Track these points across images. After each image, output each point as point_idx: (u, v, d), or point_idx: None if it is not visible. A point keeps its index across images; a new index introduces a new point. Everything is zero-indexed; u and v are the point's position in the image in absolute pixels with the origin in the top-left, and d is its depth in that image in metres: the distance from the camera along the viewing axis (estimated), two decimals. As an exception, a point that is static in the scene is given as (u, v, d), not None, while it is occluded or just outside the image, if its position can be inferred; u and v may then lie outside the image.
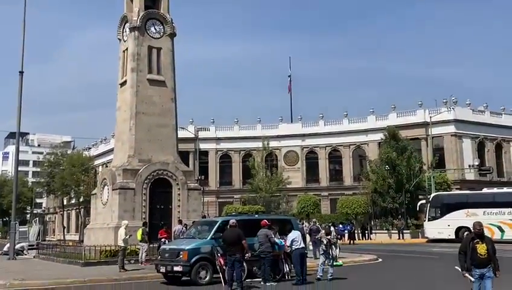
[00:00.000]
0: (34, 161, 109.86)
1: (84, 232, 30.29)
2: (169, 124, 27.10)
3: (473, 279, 9.21)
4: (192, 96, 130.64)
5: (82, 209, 66.12)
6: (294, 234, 16.11)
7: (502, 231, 35.35)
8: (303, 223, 25.95)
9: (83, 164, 62.91)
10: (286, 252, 16.33)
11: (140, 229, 21.62)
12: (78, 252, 23.11)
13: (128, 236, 19.34)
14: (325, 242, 16.68)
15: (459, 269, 7.12)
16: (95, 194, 27.84)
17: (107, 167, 41.47)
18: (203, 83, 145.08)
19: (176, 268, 15.69)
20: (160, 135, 26.66)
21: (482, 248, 9.44)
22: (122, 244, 19.23)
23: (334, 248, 16.93)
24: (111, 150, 50.98)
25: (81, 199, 65.80)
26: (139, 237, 21.22)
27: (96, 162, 69.99)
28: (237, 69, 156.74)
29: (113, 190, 25.03)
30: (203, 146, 61.47)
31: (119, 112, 27.95)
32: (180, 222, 22.70)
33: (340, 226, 41.16)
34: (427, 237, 39.36)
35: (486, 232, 37.39)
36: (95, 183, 42.80)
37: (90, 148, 79.30)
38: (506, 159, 57.56)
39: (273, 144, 57.20)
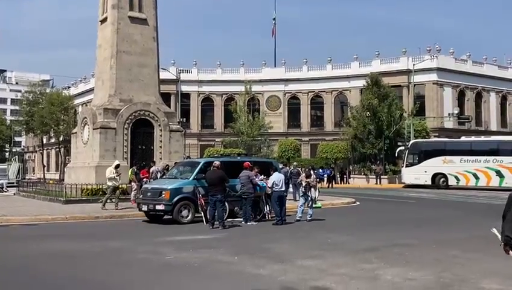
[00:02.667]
0: (12, 99, 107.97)
1: (65, 171, 30.30)
2: (150, 64, 26.66)
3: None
4: (174, 37, 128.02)
5: (62, 149, 65.80)
6: (276, 176, 16.35)
7: (476, 178, 36.33)
8: (288, 167, 26.22)
9: (62, 103, 62.05)
10: (267, 193, 16.64)
11: (131, 169, 21.75)
12: (59, 190, 23.19)
13: (115, 175, 19.37)
14: (303, 184, 17.02)
15: (498, 236, 5.02)
16: (76, 133, 27.64)
17: (87, 106, 40.88)
18: (185, 24, 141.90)
19: (158, 207, 15.92)
20: (142, 75, 26.28)
21: None
22: (108, 183, 19.30)
23: (314, 191, 17.26)
24: (91, 90, 50.27)
25: (61, 138, 65.33)
26: (129, 177, 21.34)
27: (76, 101, 69.01)
28: (220, 10, 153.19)
29: (93, 129, 24.86)
30: (184, 88, 60.88)
31: (99, 50, 27.35)
32: (154, 163, 22.57)
33: (320, 170, 41.79)
34: (404, 183, 40.31)
35: (462, 179, 38.67)
36: (75, 123, 42.43)
37: (69, 87, 77.96)
38: (485, 108, 58.40)
39: (255, 88, 56.88)
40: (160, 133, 25.64)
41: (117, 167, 19.73)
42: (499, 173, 35.53)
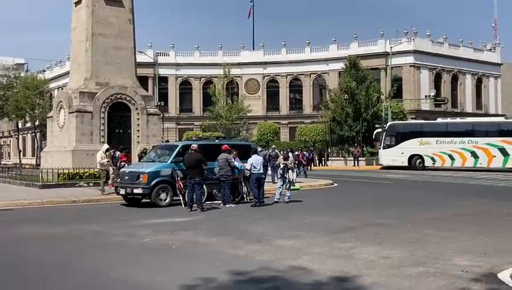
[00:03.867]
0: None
1: (41, 156, 29.89)
2: (127, 46, 26.30)
3: None
4: (151, 19, 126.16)
5: (38, 133, 64.82)
6: (255, 159, 16.40)
7: (452, 159, 36.95)
8: (268, 150, 26.27)
9: (37, 87, 60.88)
10: (246, 175, 16.69)
11: (107, 152, 21.49)
12: (36, 175, 22.91)
13: (105, 160, 19.19)
14: (281, 166, 17.12)
15: None
16: (51, 117, 27.24)
17: (63, 90, 40.21)
18: (162, 6, 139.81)
19: (135, 190, 15.87)
20: (118, 58, 25.93)
21: None
22: (100, 167, 19.11)
23: (291, 173, 17.38)
24: (67, 73, 49.39)
25: (36, 123, 64.28)
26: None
27: (52, 85, 67.84)
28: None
29: (69, 113, 24.53)
30: (162, 72, 60.32)
31: (74, 32, 26.86)
32: (121, 149, 22.10)
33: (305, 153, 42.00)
34: (381, 164, 40.81)
35: (438, 160, 39.32)
36: (50, 107, 41.75)
37: (44, 71, 76.48)
38: (461, 90, 59.21)
39: (234, 71, 56.64)
40: (138, 117, 25.43)
41: (107, 150, 19.57)
42: (473, 154, 36.20)
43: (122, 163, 19.17)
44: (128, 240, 10.38)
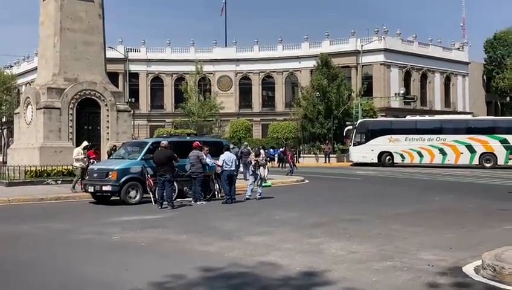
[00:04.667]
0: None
1: (8, 153, 29.24)
2: (96, 42, 25.91)
3: None
4: (121, 14, 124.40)
5: (5, 130, 63.33)
6: (226, 155, 16.35)
7: (421, 156, 37.62)
8: (240, 147, 26.23)
9: (4, 83, 59.53)
10: (217, 172, 16.65)
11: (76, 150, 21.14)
12: (2, 173, 22.42)
13: (83, 156, 18.82)
14: (253, 163, 17.15)
15: None
16: (18, 113, 26.66)
17: (30, 85, 39.38)
18: (133, 1, 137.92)
19: (104, 188, 15.66)
20: (87, 54, 25.53)
21: None
22: (76, 164, 18.71)
23: (263, 169, 17.41)
24: (34, 69, 48.28)
25: (3, 119, 62.80)
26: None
27: (19, 81, 66.29)
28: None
29: (37, 109, 24.04)
30: (133, 68, 59.61)
31: (42, 27, 26.32)
32: (92, 146, 21.70)
33: (271, 150, 42.17)
34: (351, 161, 41.26)
35: (407, 157, 39.84)
36: (18, 103, 40.90)
37: (12, 66, 74.70)
38: (430, 88, 60.30)
39: (206, 68, 56.37)
40: (107, 113, 25.09)
41: (85, 148, 19.21)
42: (442, 151, 36.92)
43: (91, 160, 18.89)
44: (97, 238, 10.24)
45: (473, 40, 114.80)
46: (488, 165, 35.40)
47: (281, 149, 41.08)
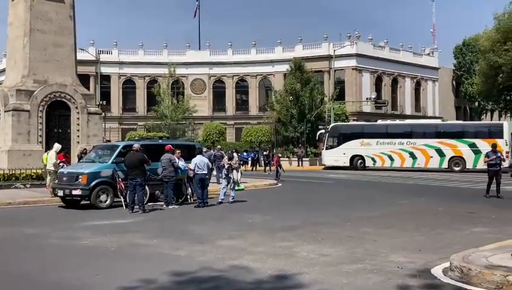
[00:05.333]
0: None
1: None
2: (67, 43, 25.51)
3: None
4: (93, 16, 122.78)
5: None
6: (199, 159, 16.26)
7: (391, 159, 38.13)
8: (213, 151, 26.07)
9: (-30, 85, 58.01)
10: (189, 176, 16.55)
11: (45, 153, 20.71)
12: (-32, 176, 21.75)
13: (58, 161, 18.40)
14: (226, 167, 17.12)
15: None
16: (-15, 116, 25.99)
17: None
18: (104, 2, 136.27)
19: (74, 192, 15.39)
20: (57, 55, 25.11)
21: None
22: (52, 168, 18.27)
23: (236, 173, 17.39)
24: (3, 71, 47.31)
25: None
26: (44, 162, 20.30)
27: (-14, 83, 64.77)
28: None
29: (5, 111, 23.53)
30: (104, 70, 58.89)
31: (11, 28, 25.81)
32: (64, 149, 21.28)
33: (244, 153, 42.17)
34: (324, 165, 41.55)
35: (378, 161, 40.12)
36: (-15, 105, 39.79)
37: (-22, 67, 72.90)
38: (400, 93, 61.26)
39: (180, 71, 56.10)
40: (78, 116, 24.72)
41: (60, 151, 18.79)
42: (412, 155, 37.50)
43: (61, 164, 18.53)
44: (66, 242, 10.05)
45: (443, 46, 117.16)
46: (457, 168, 36.09)
47: (265, 153, 41.00)
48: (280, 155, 32.54)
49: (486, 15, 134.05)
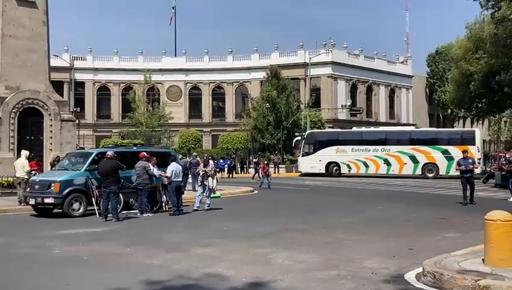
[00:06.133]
0: None
1: None
2: (40, 49, 25.10)
3: None
4: (67, 21, 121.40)
5: None
6: (174, 166, 16.13)
7: (366, 166, 38.48)
8: (188, 158, 25.88)
9: None
10: (164, 183, 16.40)
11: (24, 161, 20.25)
12: None
13: (30, 168, 17.98)
14: (201, 174, 17.02)
15: None
16: (-46, 123, 25.37)
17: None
18: (79, 8, 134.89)
19: (46, 200, 15.10)
20: (30, 61, 24.68)
21: None
22: (26, 176, 17.82)
23: (211, 180, 17.30)
24: (-27, 76, 46.35)
25: None
26: (15, 170, 19.84)
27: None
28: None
29: (-25, 118, 22.97)
30: (79, 77, 58.13)
31: (-19, 33, 25.26)
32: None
33: (221, 160, 42.05)
34: (300, 171, 41.71)
35: (353, 167, 40.28)
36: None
37: None
38: (375, 100, 62.01)
39: (155, 77, 55.72)
40: (51, 123, 24.29)
41: (29, 158, 18.39)
42: (386, 162, 37.93)
43: (33, 171, 18.18)
44: (37, 252, 9.84)
45: (416, 55, 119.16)
46: (430, 175, 36.62)
47: (254, 160, 40.77)
48: (267, 162, 31.53)
49: (458, 24, 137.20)
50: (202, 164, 17.86)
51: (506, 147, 65.82)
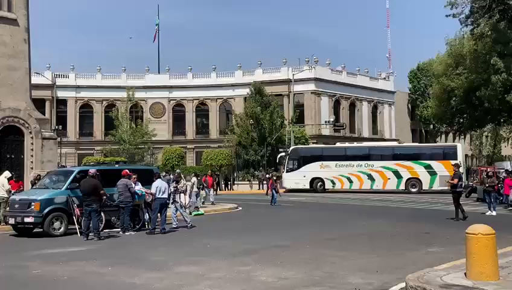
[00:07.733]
0: None
1: None
2: (21, 67, 24.85)
3: None
4: (49, 39, 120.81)
5: None
6: (159, 183, 15.94)
7: (350, 181, 38.62)
8: (171, 175, 25.70)
9: None
10: (146, 201, 16.22)
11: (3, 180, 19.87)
12: None
13: (9, 187, 17.65)
14: (172, 190, 16.67)
15: None
16: None
17: None
18: (60, 26, 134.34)
19: (26, 219, 14.84)
20: (11, 79, 24.41)
21: None
22: (6, 195, 17.47)
23: (183, 196, 17.07)
24: (-47, 95, 45.73)
25: None
26: None
27: None
28: (99, 11, 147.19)
29: (-46, 137, 22.60)
30: (61, 94, 57.68)
31: (-39, 50, 24.98)
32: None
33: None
34: (284, 187, 41.65)
35: (337, 183, 40.10)
36: None
37: None
38: (358, 116, 62.47)
39: (138, 94, 55.52)
40: (32, 141, 23.97)
41: (11, 178, 18.11)
42: (370, 177, 38.11)
43: (13, 191, 17.87)
44: (16, 272, 9.63)
45: (398, 71, 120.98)
46: (413, 190, 36.86)
47: (267, 176, 40.39)
48: (275, 178, 30.91)
49: (439, 41, 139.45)
50: (174, 179, 17.66)
51: (488, 162, 66.64)
